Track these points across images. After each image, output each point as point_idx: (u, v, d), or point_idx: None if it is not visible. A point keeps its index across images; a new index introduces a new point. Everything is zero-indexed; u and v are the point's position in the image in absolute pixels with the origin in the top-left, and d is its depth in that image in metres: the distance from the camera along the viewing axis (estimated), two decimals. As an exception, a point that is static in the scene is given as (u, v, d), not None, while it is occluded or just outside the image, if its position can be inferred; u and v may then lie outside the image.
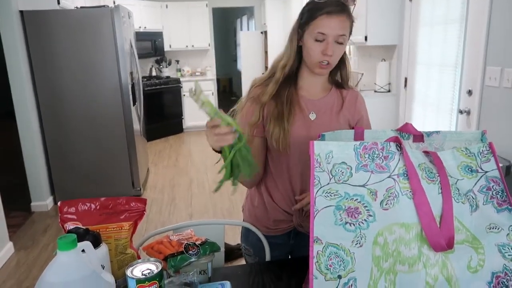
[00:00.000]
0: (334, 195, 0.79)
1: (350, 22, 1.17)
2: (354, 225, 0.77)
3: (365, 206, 0.78)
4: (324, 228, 0.78)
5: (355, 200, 0.78)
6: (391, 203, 0.77)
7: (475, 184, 0.81)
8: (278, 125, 1.21)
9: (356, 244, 0.77)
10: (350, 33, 1.20)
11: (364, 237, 0.77)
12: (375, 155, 0.79)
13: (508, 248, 0.79)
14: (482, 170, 0.82)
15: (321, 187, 0.79)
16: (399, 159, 0.79)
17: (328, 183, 0.79)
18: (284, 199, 1.32)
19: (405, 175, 0.78)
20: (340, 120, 1.27)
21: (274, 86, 1.23)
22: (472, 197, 0.80)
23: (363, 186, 0.79)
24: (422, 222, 0.76)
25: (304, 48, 1.20)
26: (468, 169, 0.82)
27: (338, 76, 1.32)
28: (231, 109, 1.30)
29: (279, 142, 1.22)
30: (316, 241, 0.78)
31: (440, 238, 0.75)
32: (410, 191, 0.77)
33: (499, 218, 0.80)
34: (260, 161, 1.29)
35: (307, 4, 1.18)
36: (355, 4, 1.18)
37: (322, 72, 1.21)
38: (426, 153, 0.84)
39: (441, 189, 0.78)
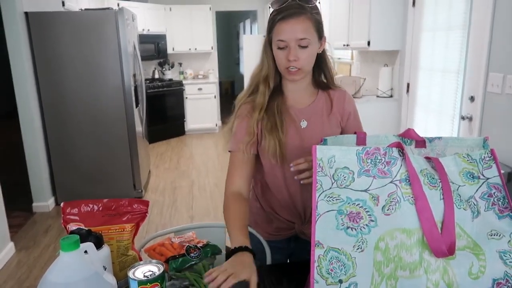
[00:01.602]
0: (336, 199, 0.79)
1: (312, 22, 1.11)
2: (355, 230, 0.77)
3: (367, 211, 0.78)
4: (326, 232, 0.78)
5: (357, 205, 0.78)
6: (393, 209, 0.77)
7: (477, 190, 0.82)
8: (273, 137, 1.19)
9: (357, 249, 0.77)
10: (320, 33, 1.16)
11: (366, 242, 0.77)
12: (378, 160, 0.80)
13: (509, 255, 0.79)
14: (484, 176, 0.83)
15: (323, 192, 0.80)
16: (401, 165, 0.80)
17: (330, 188, 0.79)
18: (286, 210, 1.32)
19: (407, 180, 0.78)
20: (332, 123, 1.26)
21: (263, 100, 1.20)
22: (473, 203, 0.81)
23: (365, 191, 0.79)
24: (423, 228, 0.76)
25: (275, 57, 1.17)
26: (469, 175, 0.82)
27: (323, 76, 1.29)
28: (224, 131, 1.30)
29: (276, 155, 1.19)
30: (318, 245, 0.78)
31: (441, 244, 0.75)
32: (412, 197, 0.77)
33: (500, 224, 0.80)
34: (251, 177, 1.25)
35: (270, 14, 1.16)
36: (317, 2, 1.14)
37: (294, 78, 1.17)
38: (428, 159, 0.84)
39: (442, 195, 0.78)
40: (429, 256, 0.77)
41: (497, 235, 0.80)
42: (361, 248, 0.77)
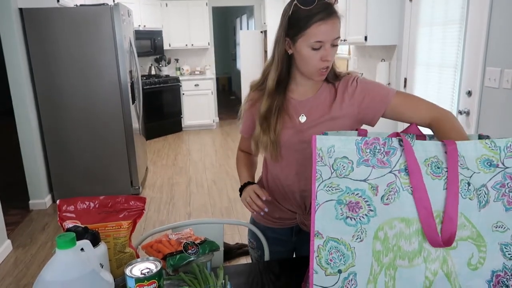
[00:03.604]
0: (336, 189, 0.79)
1: (339, 22, 1.12)
2: (355, 219, 0.77)
3: (366, 201, 0.78)
4: (325, 222, 0.78)
5: (356, 195, 0.78)
6: (392, 198, 0.77)
7: (490, 179, 0.79)
8: (266, 135, 1.21)
9: (356, 239, 0.77)
10: None
11: (365, 232, 0.77)
12: (377, 150, 0.79)
13: (510, 247, 0.79)
14: (503, 165, 0.80)
15: (322, 181, 0.79)
16: (401, 155, 0.79)
17: (330, 177, 0.79)
18: (287, 201, 1.33)
19: (407, 170, 0.78)
20: (336, 115, 1.21)
21: (269, 99, 1.21)
22: (484, 192, 0.79)
23: (364, 180, 0.79)
24: (421, 218, 0.76)
25: (299, 57, 1.15)
26: (487, 163, 0.80)
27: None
28: (238, 117, 1.37)
29: (267, 151, 1.23)
30: (317, 235, 0.78)
31: (436, 234, 0.75)
32: (411, 187, 0.77)
33: (506, 216, 0.79)
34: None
35: (294, 12, 1.10)
36: (337, 1, 1.13)
37: (322, 78, 1.18)
38: (443, 143, 0.81)
39: (447, 184, 0.77)
40: (429, 245, 0.77)
41: (502, 227, 0.79)
42: (360, 238, 0.77)
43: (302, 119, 1.23)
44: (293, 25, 1.12)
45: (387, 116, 1.18)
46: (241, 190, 1.30)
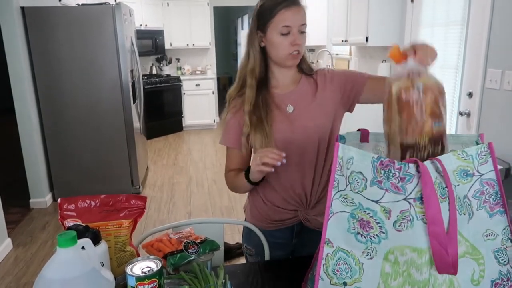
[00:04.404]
0: (350, 202, 0.77)
1: (304, 11, 1.21)
2: (365, 237, 0.76)
3: (378, 223, 0.75)
4: (337, 232, 0.77)
5: (367, 214, 0.76)
6: (404, 226, 0.74)
7: (469, 189, 0.79)
8: (259, 130, 1.22)
9: (366, 255, 0.75)
10: None
11: (375, 250, 0.75)
12: (391, 174, 0.75)
13: (501, 253, 0.78)
14: (479, 173, 0.80)
15: (338, 191, 0.78)
16: (417, 183, 0.74)
17: (345, 189, 0.78)
18: (286, 201, 1.32)
19: (423, 199, 0.74)
20: (322, 102, 1.27)
21: (252, 92, 1.25)
22: (467, 203, 0.79)
23: (376, 202, 0.76)
24: (433, 253, 0.73)
25: (270, 46, 1.22)
26: (463, 173, 0.79)
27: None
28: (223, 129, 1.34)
29: (263, 146, 1.22)
30: (327, 243, 0.77)
31: (450, 268, 0.73)
32: (426, 218, 0.74)
33: (492, 223, 0.79)
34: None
35: (261, 6, 1.23)
36: None
37: (295, 62, 1.24)
38: (431, 160, 0.79)
39: (449, 205, 0.75)
40: (435, 270, 0.74)
41: (491, 235, 0.78)
42: (370, 256, 0.75)
43: (290, 109, 1.27)
44: (262, 16, 1.22)
45: (363, 98, 1.27)
46: (246, 174, 1.23)
